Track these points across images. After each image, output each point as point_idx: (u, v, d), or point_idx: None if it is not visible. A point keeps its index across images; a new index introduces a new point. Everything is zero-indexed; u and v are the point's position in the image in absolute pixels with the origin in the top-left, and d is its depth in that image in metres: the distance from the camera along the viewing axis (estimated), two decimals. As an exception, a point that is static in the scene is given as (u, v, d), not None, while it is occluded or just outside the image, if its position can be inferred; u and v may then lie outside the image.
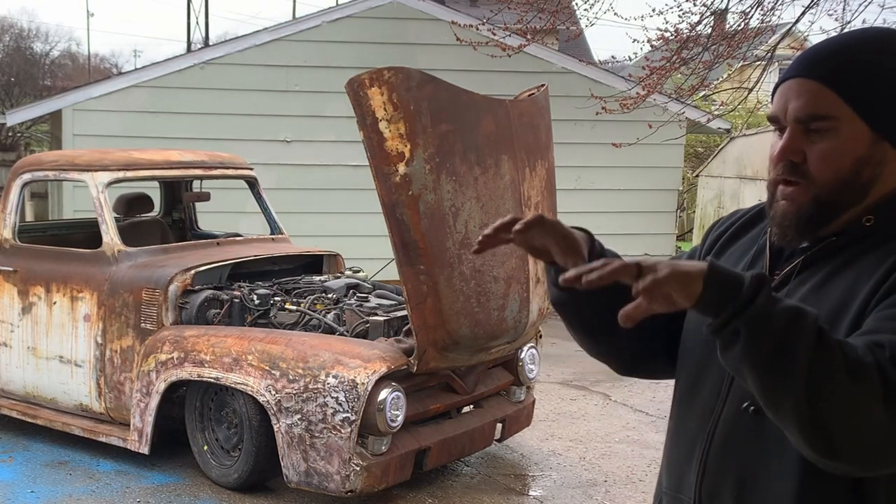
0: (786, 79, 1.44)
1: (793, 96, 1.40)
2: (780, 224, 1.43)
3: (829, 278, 1.39)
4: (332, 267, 6.15)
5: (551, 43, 13.19)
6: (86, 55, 38.25)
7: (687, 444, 1.52)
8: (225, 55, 10.45)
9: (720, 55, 9.23)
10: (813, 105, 1.38)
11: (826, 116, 1.37)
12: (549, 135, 4.99)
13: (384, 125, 4.11)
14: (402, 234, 4.21)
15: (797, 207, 1.41)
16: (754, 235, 1.58)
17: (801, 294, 1.40)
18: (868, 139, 1.37)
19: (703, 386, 1.50)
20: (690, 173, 14.58)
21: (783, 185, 1.42)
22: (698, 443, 1.48)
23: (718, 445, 1.45)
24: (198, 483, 5.04)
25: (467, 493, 5.04)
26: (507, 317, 4.60)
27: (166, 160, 6.04)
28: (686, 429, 1.53)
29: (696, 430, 1.49)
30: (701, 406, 1.49)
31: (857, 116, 1.36)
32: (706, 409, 1.48)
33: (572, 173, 10.51)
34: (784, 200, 1.42)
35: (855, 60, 1.38)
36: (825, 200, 1.39)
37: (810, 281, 1.41)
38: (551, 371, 7.56)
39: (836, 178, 1.38)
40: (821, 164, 1.38)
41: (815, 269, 1.42)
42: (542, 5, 9.53)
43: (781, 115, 1.42)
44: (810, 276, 1.42)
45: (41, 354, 5.57)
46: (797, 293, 1.41)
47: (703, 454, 1.47)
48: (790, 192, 1.41)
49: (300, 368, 4.49)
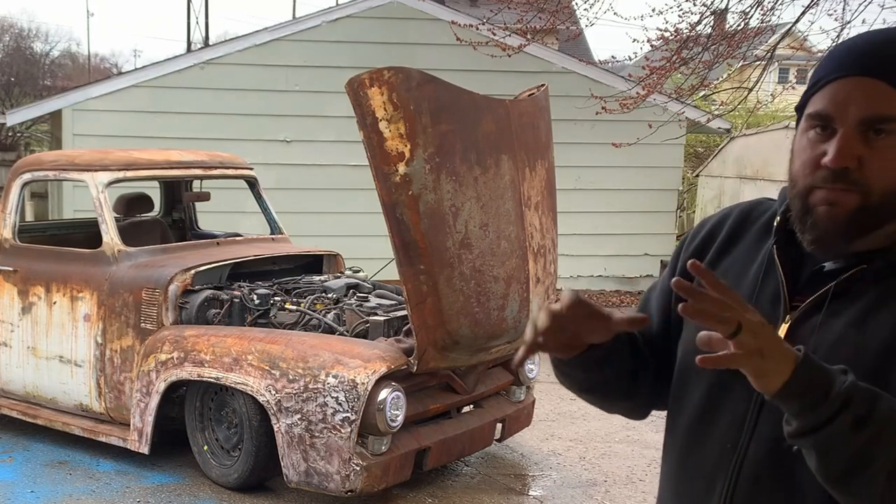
0: (840, 76, 1.29)
1: (856, 96, 1.26)
2: (825, 229, 1.29)
3: (871, 311, 1.26)
4: (332, 267, 6.15)
5: (551, 43, 13.19)
6: (86, 55, 38.29)
7: (703, 481, 1.39)
8: (225, 55, 10.45)
9: (720, 55, 9.23)
10: (881, 106, 1.25)
11: (894, 118, 1.25)
12: (549, 135, 4.99)
13: (384, 125, 4.11)
14: (402, 234, 4.21)
15: (846, 213, 1.27)
16: (750, 246, 1.45)
17: (839, 330, 1.28)
18: None
19: (720, 417, 1.38)
20: (690, 173, 14.58)
21: (828, 191, 1.28)
22: (719, 480, 1.36)
23: (748, 484, 1.33)
24: (198, 483, 5.04)
25: (467, 493, 5.04)
26: (507, 317, 4.60)
27: (166, 160, 6.04)
28: (699, 464, 1.41)
29: (714, 466, 1.38)
30: (719, 439, 1.37)
31: None
32: (725, 443, 1.36)
33: (572, 173, 10.51)
34: (827, 206, 1.28)
35: None
36: (874, 209, 1.27)
37: (847, 312, 1.28)
38: (551, 371, 7.55)
39: (893, 186, 1.26)
40: (882, 171, 1.26)
41: (853, 297, 1.29)
42: (542, 5, 9.52)
43: (837, 115, 1.28)
44: (844, 306, 1.29)
45: (41, 354, 5.56)
46: (832, 326, 1.28)
47: (726, 493, 1.35)
48: (837, 197, 1.27)
49: (300, 368, 4.49)
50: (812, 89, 1.33)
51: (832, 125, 1.28)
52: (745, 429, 1.34)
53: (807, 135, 1.32)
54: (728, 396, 1.36)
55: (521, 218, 4.61)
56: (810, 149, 1.30)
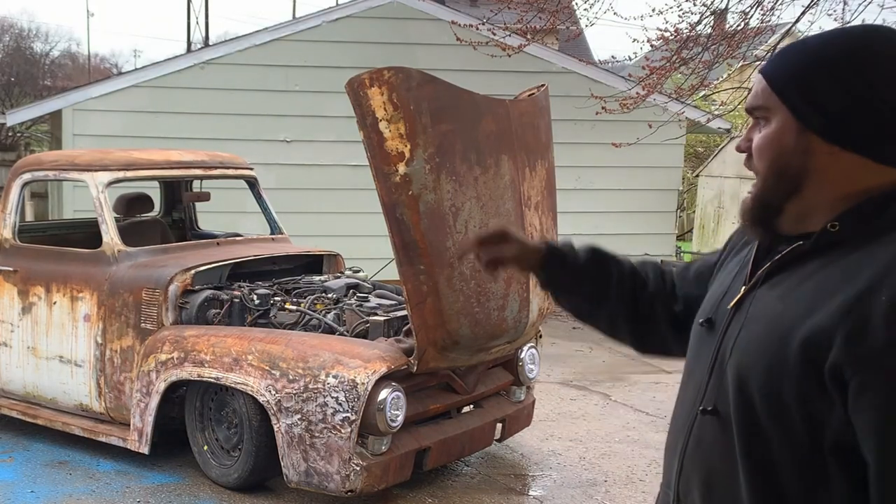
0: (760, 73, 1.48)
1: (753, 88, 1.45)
2: (742, 216, 1.47)
3: (795, 286, 1.37)
4: (332, 267, 6.15)
5: (551, 43, 13.19)
6: (86, 55, 38.27)
7: (672, 439, 1.54)
8: (225, 55, 10.45)
9: (720, 55, 9.23)
10: (754, 97, 1.42)
11: (762, 107, 1.40)
12: (549, 135, 4.99)
13: (384, 125, 4.11)
14: (402, 234, 4.21)
15: (751, 199, 1.44)
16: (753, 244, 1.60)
17: (770, 299, 1.39)
18: (795, 129, 1.37)
19: (691, 382, 1.52)
20: (690, 173, 14.59)
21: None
22: (680, 439, 1.50)
23: (693, 444, 1.46)
24: (198, 483, 5.04)
25: (467, 493, 5.04)
26: (507, 317, 4.60)
27: (166, 160, 6.04)
28: (675, 424, 1.55)
29: (680, 426, 1.51)
30: (686, 403, 1.51)
31: (785, 108, 1.37)
32: (690, 406, 1.49)
33: (572, 173, 10.51)
34: (749, 193, 1.46)
35: (797, 54, 1.40)
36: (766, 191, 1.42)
37: (780, 286, 1.40)
38: (551, 371, 7.56)
39: (768, 167, 1.40)
40: (756, 154, 1.42)
41: (785, 274, 1.40)
42: (542, 5, 9.53)
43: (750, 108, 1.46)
44: (779, 282, 1.41)
45: (41, 354, 5.56)
46: (766, 297, 1.40)
47: (682, 451, 1.48)
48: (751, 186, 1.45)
49: (300, 368, 4.49)
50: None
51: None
52: (700, 390, 1.46)
53: None
54: (700, 358, 1.49)
55: (521, 218, 4.61)
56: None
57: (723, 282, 1.57)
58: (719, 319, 1.48)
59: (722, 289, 1.54)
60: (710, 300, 1.56)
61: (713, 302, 1.54)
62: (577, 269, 1.81)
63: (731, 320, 1.44)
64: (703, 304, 1.58)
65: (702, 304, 1.59)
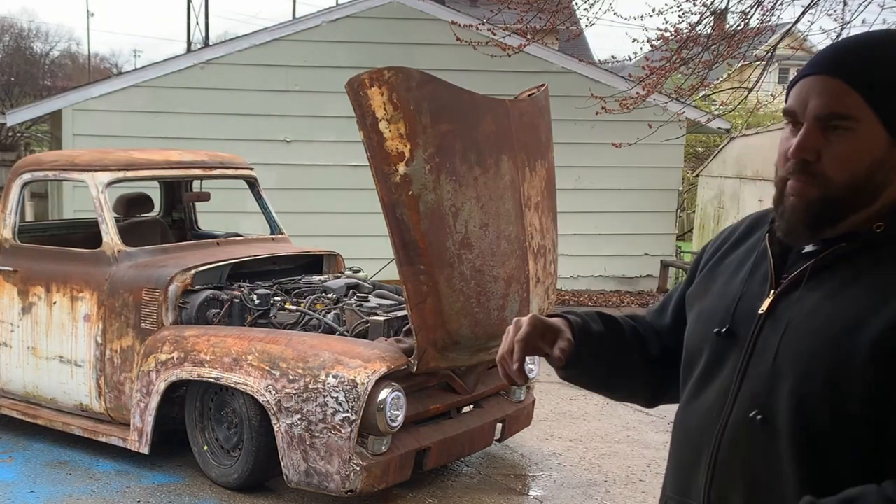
0: (806, 74, 1.40)
1: (814, 93, 1.37)
2: (789, 220, 1.40)
3: (844, 287, 1.35)
4: (332, 267, 6.15)
5: (551, 43, 13.19)
6: (86, 55, 38.30)
7: (693, 447, 1.49)
8: (225, 55, 10.45)
9: (720, 55, 9.23)
10: (835, 104, 1.35)
11: (847, 116, 1.34)
12: (549, 135, 4.99)
13: (384, 125, 4.11)
14: (402, 234, 4.21)
15: (806, 204, 1.37)
16: (752, 244, 1.56)
17: (814, 301, 1.37)
18: (885, 143, 1.34)
19: (710, 388, 1.48)
20: (690, 173, 14.59)
21: (794, 181, 1.39)
22: (705, 446, 1.45)
23: (727, 452, 1.42)
24: (198, 483, 5.04)
25: (467, 493, 5.04)
26: (507, 317, 4.59)
27: (166, 160, 6.04)
28: (691, 431, 1.51)
29: (702, 433, 1.47)
30: (707, 409, 1.47)
31: (877, 119, 1.33)
32: (713, 412, 1.45)
33: (572, 173, 10.51)
34: (793, 196, 1.39)
35: (880, 62, 1.35)
36: (834, 200, 1.36)
37: (822, 288, 1.37)
38: (551, 371, 7.53)
39: (850, 180, 1.35)
40: (836, 165, 1.35)
41: (827, 274, 1.38)
42: (542, 5, 9.53)
43: (800, 110, 1.38)
44: (822, 282, 1.38)
45: (41, 354, 5.56)
46: (808, 300, 1.38)
47: (711, 458, 1.44)
48: (800, 188, 1.38)
49: (300, 368, 4.49)
50: (788, 88, 1.45)
51: (798, 120, 1.39)
52: (729, 395, 1.43)
53: (785, 130, 1.44)
54: (721, 367, 1.47)
55: (521, 218, 4.61)
56: (785, 142, 1.42)
57: (727, 288, 1.53)
58: (742, 326, 1.45)
59: (731, 295, 1.51)
60: (719, 309, 1.51)
61: (724, 310, 1.50)
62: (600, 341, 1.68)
63: (763, 326, 1.42)
64: (705, 313, 1.54)
65: (702, 314, 1.55)
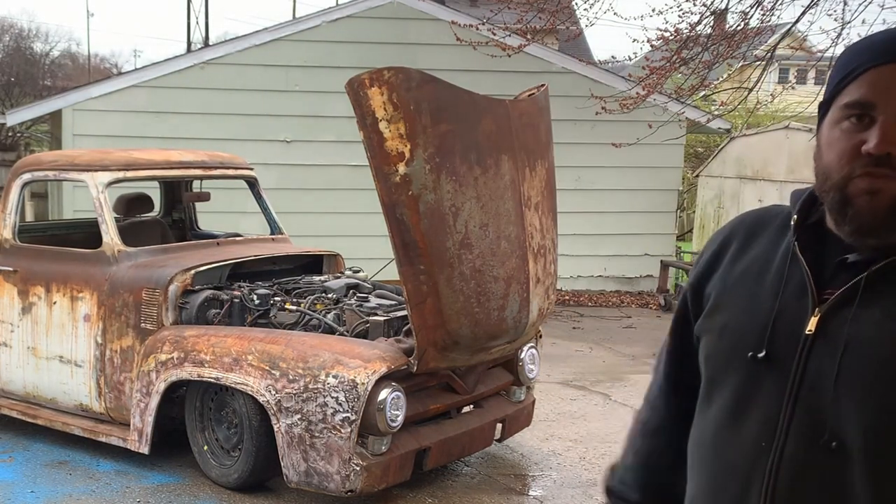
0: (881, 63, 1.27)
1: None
2: (865, 220, 1.26)
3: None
4: (332, 267, 6.15)
5: (551, 43, 13.19)
6: (86, 55, 38.29)
7: (739, 481, 1.35)
8: (225, 55, 10.46)
9: (720, 55, 9.24)
10: None
11: None
12: (549, 135, 4.98)
13: (384, 125, 4.11)
14: (402, 234, 4.21)
15: (889, 201, 1.24)
16: (764, 251, 1.42)
17: (876, 322, 1.25)
18: None
19: (749, 417, 1.35)
20: (690, 173, 14.58)
21: (871, 178, 1.25)
22: (755, 481, 1.32)
23: (787, 484, 1.29)
24: (198, 483, 5.04)
25: (467, 493, 5.04)
26: (507, 317, 4.60)
27: (166, 160, 6.04)
28: (733, 464, 1.36)
29: (750, 465, 1.33)
30: (753, 440, 1.34)
31: None
32: (758, 442, 1.33)
33: (572, 173, 10.51)
34: (868, 195, 1.25)
35: None
36: None
37: (881, 302, 1.25)
38: (551, 371, 7.56)
39: None
40: None
41: (883, 286, 1.26)
42: (542, 5, 9.54)
43: (879, 101, 1.26)
44: (879, 296, 1.26)
45: (41, 354, 5.56)
46: (867, 318, 1.26)
47: (766, 490, 1.31)
48: (879, 185, 1.25)
49: (300, 368, 4.49)
50: (845, 80, 1.30)
51: (871, 113, 1.26)
52: (780, 426, 1.31)
53: (839, 126, 1.30)
54: (759, 392, 1.34)
55: (521, 218, 4.60)
56: (846, 139, 1.28)
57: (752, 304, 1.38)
58: (783, 349, 1.32)
59: (763, 312, 1.36)
60: (749, 328, 1.37)
61: (758, 330, 1.35)
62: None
63: (812, 347, 1.29)
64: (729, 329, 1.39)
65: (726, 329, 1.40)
